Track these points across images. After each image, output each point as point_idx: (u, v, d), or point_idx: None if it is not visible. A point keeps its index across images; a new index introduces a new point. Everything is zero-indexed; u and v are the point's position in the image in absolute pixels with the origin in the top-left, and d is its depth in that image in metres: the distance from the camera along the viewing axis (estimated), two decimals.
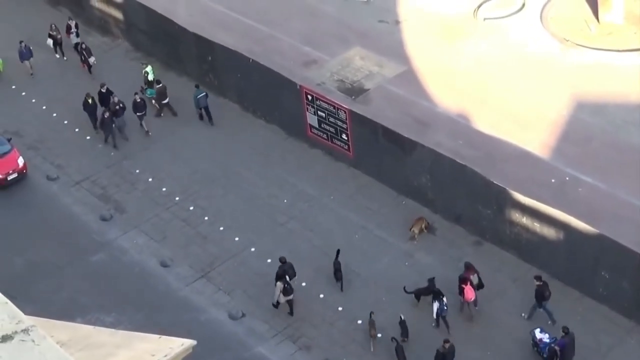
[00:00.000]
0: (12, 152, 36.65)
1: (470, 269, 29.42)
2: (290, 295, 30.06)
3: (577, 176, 32.82)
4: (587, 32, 39.39)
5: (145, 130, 37.77)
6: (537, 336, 28.04)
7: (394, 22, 41.47)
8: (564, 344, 27.11)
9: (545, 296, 28.61)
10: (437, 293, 28.88)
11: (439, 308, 28.81)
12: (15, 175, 36.37)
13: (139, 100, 37.37)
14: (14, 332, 9.72)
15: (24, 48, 41.01)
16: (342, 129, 35.12)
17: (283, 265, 30.45)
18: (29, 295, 30.85)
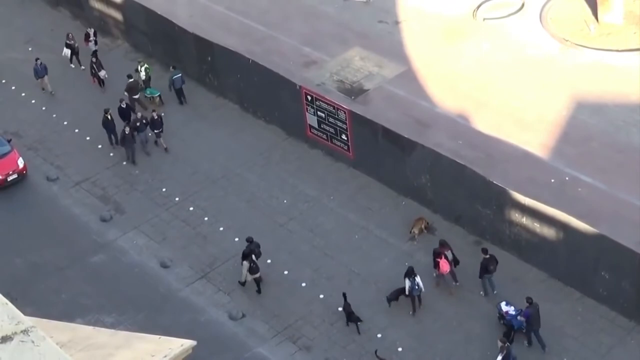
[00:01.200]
0: (12, 153, 36.54)
1: (444, 246, 30.26)
2: (256, 274, 30.84)
3: (577, 176, 32.84)
4: (586, 32, 39.41)
5: (164, 147, 37.04)
6: (503, 309, 28.68)
7: (394, 23, 41.49)
8: (529, 314, 27.88)
9: (489, 269, 29.59)
10: (410, 272, 29.52)
11: (411, 286, 29.40)
12: (15, 176, 36.26)
13: (157, 117, 36.72)
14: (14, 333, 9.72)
15: (39, 65, 40.08)
16: (341, 129, 35.13)
17: (250, 245, 31.18)
18: (29, 296, 30.86)
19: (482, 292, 30.07)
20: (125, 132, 36.06)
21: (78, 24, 44.92)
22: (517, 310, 28.35)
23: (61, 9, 46.11)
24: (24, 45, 43.95)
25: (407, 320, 29.60)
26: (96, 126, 38.47)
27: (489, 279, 29.83)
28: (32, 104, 40.55)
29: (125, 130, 36.05)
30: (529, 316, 27.93)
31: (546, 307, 29.48)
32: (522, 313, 28.05)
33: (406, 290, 29.47)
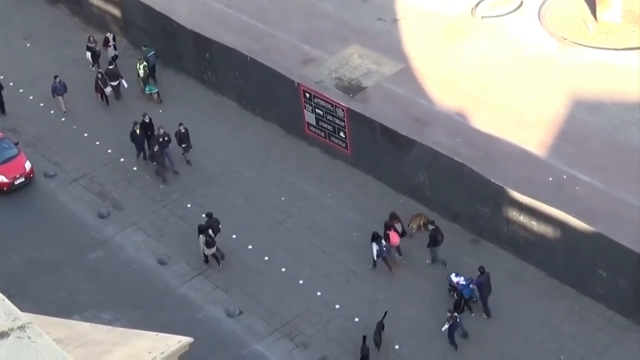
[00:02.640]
0: (19, 156, 36.25)
1: (394, 218, 31.20)
2: (213, 248, 31.63)
3: (575, 175, 32.86)
4: (585, 30, 39.42)
5: (187, 160, 36.22)
6: (454, 280, 29.31)
7: (392, 20, 41.49)
8: (480, 283, 28.80)
9: (438, 240, 30.58)
10: (376, 236, 30.43)
11: (379, 249, 30.51)
12: (23, 180, 35.92)
13: (183, 131, 35.69)
14: (10, 329, 9.73)
15: (58, 83, 38.83)
16: (340, 127, 35.12)
17: (209, 220, 32.09)
18: (27, 292, 30.85)
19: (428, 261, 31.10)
20: (154, 150, 35.23)
21: (76, 20, 44.91)
22: (467, 280, 29.11)
23: (60, 5, 46.07)
24: (23, 41, 43.89)
25: (403, 319, 29.60)
26: (94, 122, 38.47)
27: (436, 251, 30.79)
28: (30, 100, 40.52)
29: (154, 147, 35.19)
30: (480, 284, 28.82)
31: (543, 305, 29.55)
32: (474, 281, 28.89)
33: (374, 254, 30.64)
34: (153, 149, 35.34)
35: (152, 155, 35.48)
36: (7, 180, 35.73)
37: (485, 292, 29.09)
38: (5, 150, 36.41)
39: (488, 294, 29.15)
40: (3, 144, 36.59)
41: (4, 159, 36.05)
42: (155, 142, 35.30)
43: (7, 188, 35.78)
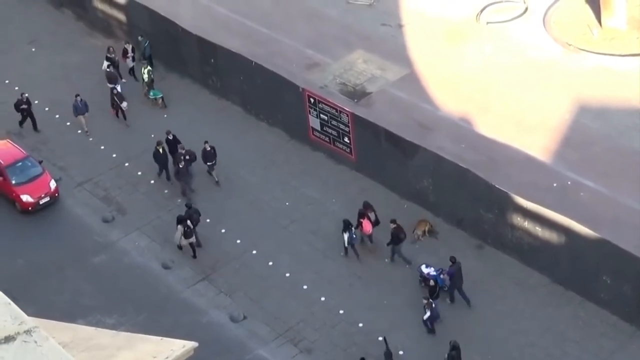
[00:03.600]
0: (44, 175, 35.59)
1: (368, 208, 31.88)
2: (190, 238, 32.27)
3: (579, 180, 32.82)
4: (589, 36, 39.40)
5: (215, 180, 35.52)
6: (424, 271, 30.00)
7: (397, 26, 41.48)
8: (452, 272, 29.43)
9: (400, 238, 30.96)
10: (347, 224, 31.27)
11: (349, 237, 31.32)
12: (48, 199, 35.24)
13: (209, 149, 35.06)
14: (17, 333, 9.75)
15: (79, 102, 37.96)
16: (344, 132, 35.14)
17: (188, 210, 32.75)
18: (31, 296, 30.86)
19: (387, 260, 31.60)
20: (180, 167, 34.59)
21: (81, 25, 44.95)
22: (437, 270, 29.72)
23: (64, 9, 46.12)
24: (27, 46, 43.94)
25: (408, 324, 29.59)
26: (99, 127, 38.43)
27: (399, 249, 31.19)
28: (35, 104, 40.50)
29: (180, 164, 34.55)
30: (452, 274, 29.41)
31: (548, 311, 29.53)
32: (446, 271, 29.50)
33: (345, 242, 31.42)
34: (178, 166, 34.66)
35: (178, 172, 34.78)
36: (32, 200, 35.03)
37: (457, 281, 29.64)
38: (29, 168, 35.78)
39: (460, 283, 29.70)
40: (27, 163, 35.94)
41: (28, 178, 35.43)
42: (179, 160, 34.68)
43: (32, 208, 35.09)
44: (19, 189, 35.08)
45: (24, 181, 35.27)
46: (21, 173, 35.52)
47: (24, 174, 35.53)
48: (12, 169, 35.50)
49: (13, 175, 35.36)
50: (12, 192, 35.21)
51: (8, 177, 35.31)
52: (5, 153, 36.09)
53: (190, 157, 34.83)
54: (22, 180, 35.29)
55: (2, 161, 35.63)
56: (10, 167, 35.50)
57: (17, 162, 35.76)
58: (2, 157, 35.85)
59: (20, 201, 35.02)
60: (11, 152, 36.19)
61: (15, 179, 35.29)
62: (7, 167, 35.45)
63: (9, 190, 35.29)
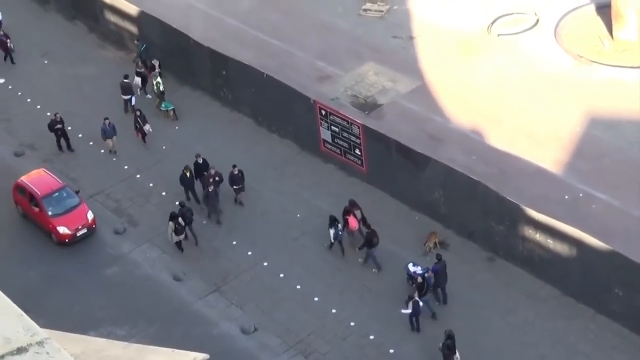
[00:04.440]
0: (81, 206, 34.51)
1: (353, 205, 32.59)
2: (181, 235, 32.91)
3: (591, 193, 32.77)
4: (601, 48, 39.40)
5: (239, 201, 35.07)
6: (411, 269, 30.39)
7: (408, 38, 41.54)
8: (437, 270, 29.89)
9: (373, 242, 31.50)
10: (333, 220, 31.96)
11: (335, 233, 31.97)
12: (85, 231, 34.19)
13: (237, 173, 34.53)
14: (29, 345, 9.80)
15: (107, 125, 37.38)
16: (355, 144, 35.17)
17: (182, 209, 33.31)
18: (42, 308, 30.91)
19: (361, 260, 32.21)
20: (209, 190, 34.09)
21: (94, 37, 45.16)
22: (424, 269, 30.10)
23: (77, 22, 46.33)
24: (40, 58, 44.15)
25: (419, 336, 29.56)
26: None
27: (372, 253, 31.71)
28: (47, 116, 40.63)
29: (209, 188, 34.05)
30: (437, 271, 29.84)
31: (559, 324, 29.45)
32: (431, 269, 29.91)
33: (332, 237, 32.03)
34: (207, 189, 34.20)
35: (207, 196, 34.28)
36: (69, 232, 33.98)
37: (441, 279, 30.05)
38: (66, 199, 34.67)
39: (445, 281, 30.14)
40: (63, 193, 34.83)
41: (65, 209, 34.30)
42: (208, 183, 34.23)
43: (70, 240, 34.04)
44: (56, 220, 33.97)
45: (60, 212, 34.14)
46: (57, 204, 34.40)
47: (61, 204, 34.42)
48: (49, 199, 34.40)
49: (49, 206, 34.23)
50: (48, 224, 34.10)
51: (44, 208, 34.17)
52: (41, 183, 35.02)
53: (219, 178, 34.46)
54: (59, 211, 34.17)
55: (39, 191, 34.54)
56: (47, 198, 34.40)
57: (53, 192, 34.65)
58: (38, 187, 34.76)
59: (57, 233, 33.94)
60: (47, 181, 35.14)
61: (51, 210, 34.17)
62: (43, 198, 34.33)
63: (45, 221, 34.17)
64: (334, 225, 32.01)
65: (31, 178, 35.29)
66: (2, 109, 41.59)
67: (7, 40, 43.14)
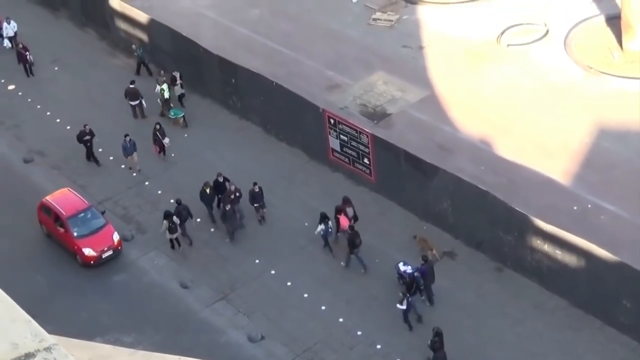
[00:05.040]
0: (107, 227, 33.78)
1: (346, 203, 32.99)
2: (175, 234, 33.44)
3: (600, 204, 32.70)
4: (610, 59, 39.36)
5: (259, 219, 34.69)
6: (401, 269, 30.63)
7: (418, 48, 41.56)
8: (424, 271, 30.39)
9: (355, 244, 31.78)
10: (323, 217, 32.37)
11: (324, 230, 32.37)
12: (111, 253, 33.53)
13: (257, 190, 34.06)
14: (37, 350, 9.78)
15: (128, 142, 36.83)
16: (364, 153, 35.17)
17: (178, 207, 33.66)
18: (49, 314, 30.92)
19: (343, 263, 32.51)
20: (227, 208, 33.59)
21: (104, 44, 45.32)
22: (413, 269, 30.42)
23: (88, 29, 46.51)
24: (50, 65, 44.30)
25: (426, 345, 29.49)
26: (120, 146, 38.56)
27: (356, 254, 31.94)
28: (57, 123, 40.83)
29: (227, 207, 33.54)
30: (424, 272, 30.30)
31: (567, 335, 29.36)
32: (419, 270, 30.33)
33: (321, 233, 32.45)
34: (225, 207, 33.77)
35: (224, 214, 33.79)
36: (95, 254, 33.31)
37: (428, 279, 30.48)
38: (91, 220, 33.92)
39: (432, 281, 30.59)
40: (89, 214, 34.06)
41: (90, 230, 33.57)
42: (227, 201, 33.78)
43: (95, 262, 33.35)
44: (81, 241, 33.31)
45: (86, 233, 33.45)
46: (83, 225, 33.69)
47: (86, 225, 33.69)
48: (74, 220, 33.70)
49: (75, 227, 33.55)
50: (73, 245, 33.47)
51: (70, 229, 33.48)
52: (66, 203, 34.28)
53: (239, 194, 34.08)
54: (84, 232, 33.47)
55: (64, 212, 33.79)
56: (72, 219, 33.69)
57: (79, 213, 33.90)
58: (64, 207, 34.04)
59: (82, 255, 33.31)
60: (73, 202, 34.38)
61: (77, 231, 33.50)
62: (68, 219, 33.62)
63: (71, 242, 33.54)
64: (324, 222, 32.41)
65: (56, 198, 34.56)
66: (12, 115, 41.76)
67: (27, 53, 42.89)
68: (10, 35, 44.47)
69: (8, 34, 44.43)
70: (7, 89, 43.52)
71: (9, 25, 44.39)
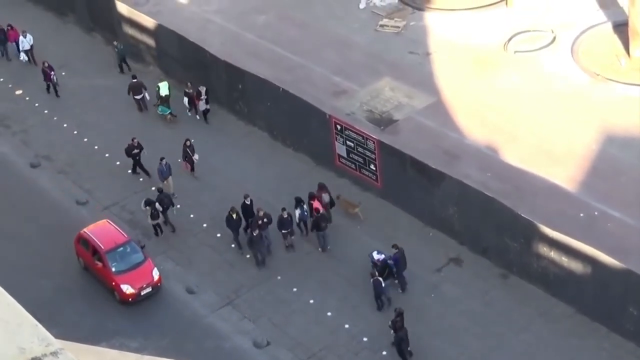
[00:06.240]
0: (147, 263, 32.48)
1: (322, 189, 33.88)
2: (157, 220, 34.40)
3: (606, 211, 32.63)
4: (617, 66, 39.31)
5: (287, 245, 33.85)
6: (375, 257, 31.49)
7: (425, 54, 41.56)
8: (397, 258, 31.17)
9: (320, 227, 32.89)
10: (298, 201, 33.38)
11: (300, 214, 33.34)
12: (150, 290, 32.14)
13: (286, 216, 33.12)
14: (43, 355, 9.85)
15: (164, 166, 35.96)
16: (370, 159, 35.18)
17: (160, 195, 34.44)
18: (55, 318, 30.94)
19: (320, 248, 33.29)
20: (253, 234, 32.63)
21: (111, 49, 45.40)
22: (387, 257, 31.30)
23: (95, 34, 46.62)
24: (58, 70, 44.35)
25: (432, 352, 29.46)
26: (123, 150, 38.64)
27: (322, 235, 32.98)
28: (64, 127, 40.92)
29: (254, 232, 32.59)
30: (397, 260, 31.08)
31: (573, 342, 29.31)
32: (392, 257, 31.15)
33: (296, 217, 33.27)
34: (252, 233, 32.76)
35: (251, 240, 32.86)
36: (134, 291, 31.98)
37: (401, 266, 31.26)
38: (131, 255, 32.72)
39: (404, 268, 31.37)
40: (128, 248, 32.89)
41: (129, 266, 32.32)
42: (255, 226, 32.83)
43: (133, 299, 31.99)
44: (119, 277, 32.03)
45: (124, 269, 32.20)
46: (122, 260, 32.45)
47: (125, 261, 32.44)
48: (112, 255, 32.45)
49: (113, 262, 32.30)
50: (111, 281, 32.20)
51: (108, 264, 32.24)
52: (104, 236, 33.07)
53: (268, 220, 33.23)
54: (123, 268, 32.22)
55: (102, 245, 32.59)
56: (111, 253, 32.45)
57: (118, 247, 32.70)
58: (102, 240, 32.86)
59: (120, 291, 32.01)
60: (111, 235, 33.18)
61: (115, 266, 32.26)
62: (107, 253, 32.41)
63: (109, 278, 32.25)
64: (300, 206, 33.24)
65: (95, 230, 33.37)
66: (19, 120, 41.87)
67: (52, 73, 42.35)
68: (26, 49, 44.58)
69: (24, 47, 44.55)
70: (15, 93, 43.64)
71: (25, 38, 44.48)
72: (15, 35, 44.65)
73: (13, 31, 44.87)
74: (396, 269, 31.26)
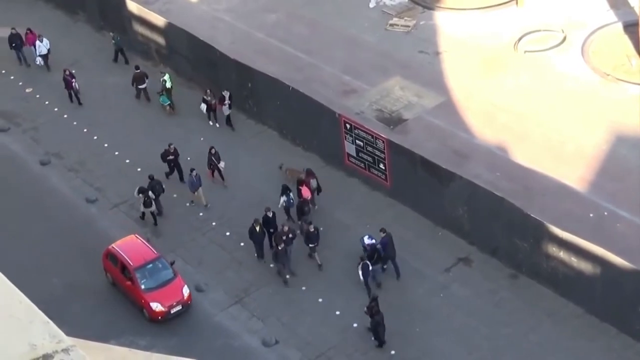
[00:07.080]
0: (177, 280, 31.55)
1: (309, 175, 34.78)
2: (150, 207, 34.72)
3: (616, 211, 32.57)
4: (628, 67, 39.23)
5: (319, 264, 33.09)
6: (366, 242, 31.89)
7: (435, 53, 41.52)
8: (385, 242, 31.70)
9: (304, 211, 33.74)
10: (285, 189, 34.12)
11: (286, 200, 33.99)
12: (180, 308, 31.23)
13: (313, 230, 32.65)
14: (55, 352, 9.88)
15: (194, 177, 35.26)
16: (380, 158, 35.17)
17: (152, 182, 34.96)
18: (65, 316, 30.86)
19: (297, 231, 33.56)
20: (279, 248, 32.04)
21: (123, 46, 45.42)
22: (377, 242, 31.78)
23: (105, 33, 46.69)
24: (69, 67, 44.42)
25: (440, 352, 29.44)
26: (136, 148, 38.67)
27: (305, 220, 33.41)
28: (74, 125, 40.99)
29: (279, 246, 31.98)
30: (385, 244, 31.57)
31: (582, 343, 29.27)
32: (380, 242, 31.65)
33: (282, 204, 33.91)
34: (277, 247, 32.21)
35: (276, 254, 32.30)
36: (163, 309, 31.12)
37: (390, 251, 31.73)
38: (160, 271, 31.89)
39: (393, 254, 31.79)
40: (158, 264, 32.02)
41: (158, 283, 31.47)
42: (279, 240, 32.30)
43: (162, 317, 31.12)
44: (149, 295, 31.19)
45: (154, 287, 31.36)
46: (151, 277, 31.61)
47: (154, 278, 31.64)
48: (142, 271, 31.61)
49: (142, 279, 31.49)
50: (140, 299, 31.39)
51: (137, 281, 31.38)
52: (133, 252, 32.16)
53: (293, 235, 32.73)
54: (152, 285, 31.38)
55: (132, 262, 31.68)
56: (140, 270, 31.59)
57: (147, 263, 31.84)
58: (131, 257, 31.92)
59: (150, 309, 31.14)
60: (141, 251, 32.26)
61: (145, 283, 31.45)
62: (136, 270, 31.52)
63: (138, 296, 31.43)
64: (286, 193, 33.94)
65: (123, 245, 32.56)
66: (29, 118, 41.97)
67: (73, 80, 41.91)
68: (43, 53, 44.55)
69: (41, 52, 44.56)
70: (25, 91, 43.74)
71: (42, 43, 44.50)
72: (33, 38, 44.69)
73: (32, 34, 44.89)
74: (384, 253, 31.66)
